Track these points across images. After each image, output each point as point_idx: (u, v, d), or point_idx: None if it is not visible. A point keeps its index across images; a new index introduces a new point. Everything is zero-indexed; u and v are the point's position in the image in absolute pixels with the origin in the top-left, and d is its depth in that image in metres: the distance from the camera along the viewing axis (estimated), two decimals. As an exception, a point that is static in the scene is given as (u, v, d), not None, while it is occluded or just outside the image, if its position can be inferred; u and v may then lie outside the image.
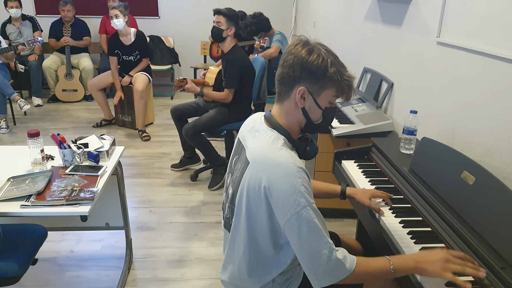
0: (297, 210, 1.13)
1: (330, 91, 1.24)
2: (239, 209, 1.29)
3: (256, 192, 1.20)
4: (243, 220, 1.28)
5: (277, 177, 1.15)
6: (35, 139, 1.74)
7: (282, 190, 1.14)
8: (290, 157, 1.18)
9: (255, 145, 1.27)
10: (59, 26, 5.36)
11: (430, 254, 1.19)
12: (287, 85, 1.24)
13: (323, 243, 1.14)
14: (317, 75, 1.20)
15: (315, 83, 1.22)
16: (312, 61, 1.19)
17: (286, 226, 1.16)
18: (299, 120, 1.29)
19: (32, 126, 4.61)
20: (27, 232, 1.74)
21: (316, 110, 1.26)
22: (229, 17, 3.14)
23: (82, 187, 1.66)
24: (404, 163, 1.78)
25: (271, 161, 1.18)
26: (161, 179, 3.52)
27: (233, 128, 3.35)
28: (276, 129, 1.27)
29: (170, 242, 2.63)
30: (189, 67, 6.25)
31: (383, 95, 2.69)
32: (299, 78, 1.21)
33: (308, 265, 1.16)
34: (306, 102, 1.24)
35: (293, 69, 1.21)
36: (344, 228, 2.80)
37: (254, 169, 1.21)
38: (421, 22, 2.28)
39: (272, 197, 1.16)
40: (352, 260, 1.17)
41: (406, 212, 1.53)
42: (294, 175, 1.14)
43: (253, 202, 1.23)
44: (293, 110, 1.26)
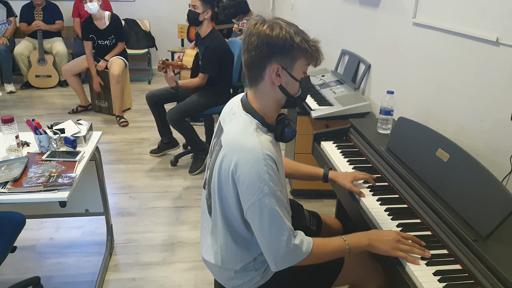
0: (259, 197, 1.15)
1: (301, 60, 1.23)
2: (214, 192, 1.30)
3: (226, 176, 1.21)
4: (217, 203, 1.30)
5: (244, 163, 1.16)
6: (9, 125, 1.69)
7: (247, 176, 1.16)
8: (259, 143, 1.18)
9: (229, 129, 1.28)
10: (30, 10, 5.17)
11: (383, 234, 1.28)
12: (258, 68, 1.22)
13: (282, 230, 1.17)
14: (286, 48, 1.18)
15: (286, 57, 1.20)
16: (277, 36, 1.17)
17: (248, 211, 1.19)
18: (277, 99, 1.27)
19: (4, 114, 4.47)
20: (5, 219, 1.71)
21: (293, 83, 1.25)
22: (205, 0, 3.10)
23: (60, 173, 1.63)
24: (381, 143, 1.82)
25: (240, 146, 1.19)
26: (140, 164, 3.49)
27: (215, 112, 3.34)
28: (250, 114, 1.26)
29: (151, 227, 2.63)
30: (166, 51, 6.14)
31: (361, 77, 2.72)
32: (269, 56, 1.19)
33: (267, 250, 1.20)
34: (282, 78, 1.23)
35: (260, 49, 1.19)
36: (324, 208, 2.86)
37: (225, 153, 1.22)
38: (398, 3, 2.30)
39: (239, 182, 1.18)
40: (309, 243, 1.22)
41: (384, 190, 1.57)
42: (260, 162, 1.15)
43: (224, 185, 1.24)
44: (270, 90, 1.25)
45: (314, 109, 2.53)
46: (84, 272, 2.20)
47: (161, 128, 3.55)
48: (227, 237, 1.32)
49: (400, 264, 1.22)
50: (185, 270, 2.24)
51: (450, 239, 1.24)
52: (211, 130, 3.60)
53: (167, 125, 3.53)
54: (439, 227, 1.30)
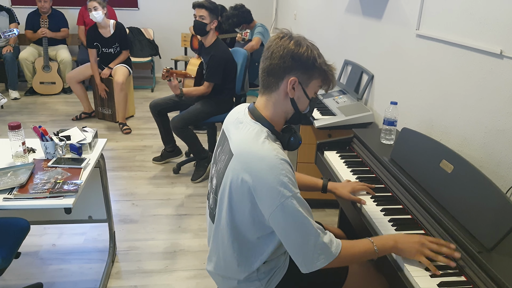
0: (281, 201, 1.15)
1: (317, 81, 1.28)
2: (222, 200, 1.30)
3: (238, 184, 1.21)
4: (225, 211, 1.29)
5: (260, 170, 1.17)
6: (16, 131, 1.71)
7: (266, 182, 1.16)
8: (273, 149, 1.19)
9: (239, 137, 1.28)
10: (36, 17, 5.22)
11: (409, 237, 1.28)
12: (276, 76, 1.25)
13: (308, 230, 1.17)
14: (308, 65, 1.24)
15: (305, 74, 1.25)
16: (302, 53, 1.22)
17: (271, 217, 1.19)
18: (286, 111, 1.30)
19: (9, 120, 4.50)
20: (9, 225, 1.71)
21: (304, 100, 1.29)
22: (212, 10, 3.13)
23: (66, 180, 1.64)
24: (385, 153, 1.83)
25: (254, 154, 1.20)
26: (143, 172, 3.50)
27: (218, 120, 3.36)
28: (259, 121, 1.28)
29: (153, 234, 2.63)
30: (169, 59, 6.19)
31: (364, 87, 2.74)
32: (290, 68, 1.23)
33: (295, 253, 1.19)
34: (296, 93, 1.26)
35: (284, 60, 1.23)
36: (325, 218, 2.86)
37: (237, 162, 1.23)
38: (401, 15, 2.32)
39: (256, 190, 1.18)
40: (338, 244, 1.21)
41: (387, 200, 1.58)
42: (277, 167, 1.16)
43: (235, 193, 1.24)
44: (282, 101, 1.28)
45: (317, 119, 2.55)
46: (86, 279, 2.20)
47: (164, 137, 3.56)
48: (232, 246, 1.32)
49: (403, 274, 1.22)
50: (187, 279, 2.24)
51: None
52: (214, 138, 3.61)
53: (170, 133, 3.55)
54: (444, 239, 1.30)
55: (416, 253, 1.23)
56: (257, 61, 4.31)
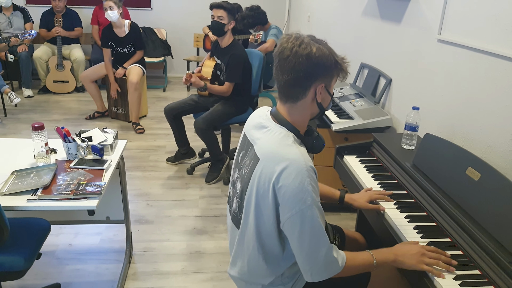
0: (302, 207, 1.16)
1: (335, 77, 1.30)
2: (248, 205, 1.30)
3: (265, 188, 1.22)
4: (251, 216, 1.29)
5: (287, 173, 1.17)
6: (39, 132, 1.72)
7: (290, 187, 1.16)
8: (301, 154, 1.20)
9: (265, 141, 1.28)
10: (50, 16, 5.26)
11: (408, 248, 1.30)
12: (302, 87, 1.25)
13: (322, 242, 1.19)
14: (330, 68, 1.24)
15: (327, 76, 1.26)
16: (325, 56, 1.22)
17: (287, 222, 1.19)
18: (312, 113, 1.32)
19: (22, 118, 4.54)
20: (31, 226, 1.73)
21: (328, 98, 1.31)
22: (230, 10, 3.13)
23: (88, 181, 1.65)
24: (407, 158, 1.81)
25: (281, 157, 1.20)
26: (157, 172, 3.51)
27: (237, 121, 3.37)
28: (284, 126, 1.29)
29: (169, 236, 2.64)
30: (181, 60, 6.21)
31: (381, 91, 2.72)
32: (315, 77, 1.23)
33: (305, 261, 1.21)
34: (322, 95, 1.28)
35: (307, 71, 1.22)
36: (340, 221, 2.84)
37: (264, 165, 1.23)
38: (422, 20, 2.31)
39: (280, 193, 1.18)
40: (343, 257, 1.25)
41: (411, 207, 1.57)
42: (303, 173, 1.16)
43: (261, 198, 1.24)
44: (309, 105, 1.28)
45: (334, 122, 2.53)
46: (103, 280, 2.21)
47: (179, 140, 3.57)
48: (258, 251, 1.32)
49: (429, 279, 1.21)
50: (204, 281, 2.24)
51: (482, 259, 1.23)
52: (228, 140, 3.61)
53: (185, 136, 3.56)
54: (471, 247, 1.29)
55: (417, 263, 1.25)
56: (271, 63, 4.30)
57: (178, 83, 6.25)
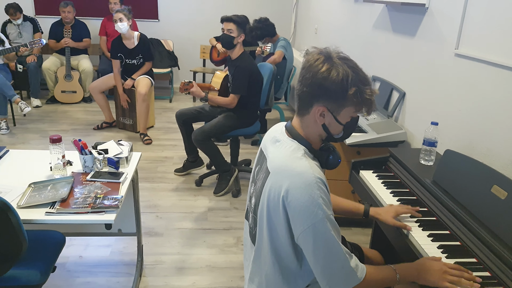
0: (313, 221, 1.14)
1: (350, 108, 1.24)
2: (261, 220, 1.29)
3: (275, 202, 1.20)
4: (265, 231, 1.28)
5: (296, 187, 1.16)
6: (57, 144, 1.71)
7: (299, 200, 1.15)
8: (310, 167, 1.18)
9: (276, 155, 1.28)
10: (59, 27, 5.30)
11: (430, 264, 1.28)
12: (306, 103, 1.25)
13: (337, 254, 1.17)
14: (337, 95, 1.19)
15: (334, 102, 1.22)
16: (332, 81, 1.17)
17: (300, 237, 1.18)
18: (319, 134, 1.30)
19: (31, 127, 4.53)
20: (46, 238, 1.71)
21: (336, 125, 1.27)
22: (239, 24, 3.14)
23: (105, 194, 1.63)
24: (425, 174, 1.79)
25: (290, 171, 1.19)
26: (165, 183, 3.49)
27: (241, 134, 3.35)
28: (296, 140, 1.28)
29: (178, 249, 2.61)
30: (188, 71, 6.23)
31: (395, 105, 2.72)
32: (318, 97, 1.21)
33: (321, 274, 1.19)
34: (326, 119, 1.25)
35: (312, 88, 1.21)
36: (352, 237, 2.81)
37: (274, 179, 1.22)
38: (437, 33, 2.31)
39: (290, 207, 1.17)
40: (363, 269, 1.22)
41: (433, 225, 1.54)
42: (312, 186, 1.15)
43: (273, 212, 1.23)
44: (313, 125, 1.27)
45: (348, 136, 2.52)
46: (114, 294, 2.18)
47: (188, 147, 3.56)
48: (274, 267, 1.30)
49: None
50: (216, 296, 2.21)
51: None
52: (236, 151, 3.60)
53: (193, 144, 3.54)
54: (499, 268, 1.26)
55: (439, 280, 1.23)
56: (280, 75, 4.31)
57: (184, 94, 6.26)
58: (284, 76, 4.39)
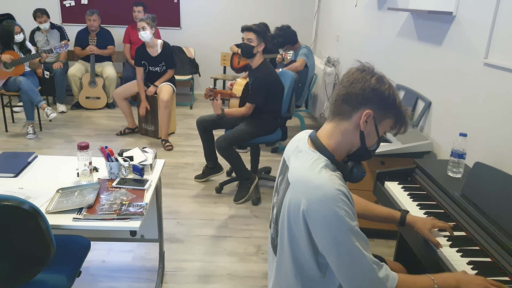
0: (336, 234, 1.13)
1: (390, 121, 1.26)
2: (282, 231, 1.28)
3: (295, 214, 1.19)
4: (286, 242, 1.27)
5: (316, 200, 1.14)
6: (85, 151, 1.74)
7: (320, 213, 1.13)
8: (330, 179, 1.16)
9: (296, 166, 1.27)
10: (85, 35, 5.42)
11: (471, 278, 1.25)
12: (352, 105, 1.23)
13: (363, 266, 1.14)
14: (387, 103, 1.22)
15: (381, 110, 1.23)
16: (384, 90, 1.22)
17: (324, 250, 1.17)
18: (352, 143, 1.27)
19: (56, 132, 4.64)
20: (72, 243, 1.73)
21: (374, 136, 1.26)
22: (259, 33, 3.16)
23: (131, 201, 1.65)
24: (454, 187, 1.75)
25: (310, 183, 1.17)
26: (186, 190, 3.51)
27: (262, 142, 3.35)
28: (319, 151, 1.26)
29: (199, 256, 2.61)
30: (209, 78, 6.27)
31: (420, 114, 2.67)
32: (368, 101, 1.22)
33: (348, 286, 1.17)
34: (367, 127, 1.24)
35: (364, 91, 1.21)
36: (374, 248, 2.76)
37: (293, 191, 1.21)
38: (465, 42, 2.26)
39: (311, 220, 1.16)
40: (394, 278, 1.18)
41: (462, 240, 1.50)
42: (333, 198, 1.13)
43: (294, 224, 1.22)
44: (351, 131, 1.25)
45: (371, 146, 2.49)
46: (136, 300, 2.19)
47: (207, 153, 3.58)
48: (296, 278, 1.28)
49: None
50: (237, 305, 2.20)
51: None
52: (257, 159, 3.59)
53: (213, 150, 3.56)
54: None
55: None
56: (301, 83, 4.30)
57: (204, 101, 6.31)
58: (305, 84, 4.38)
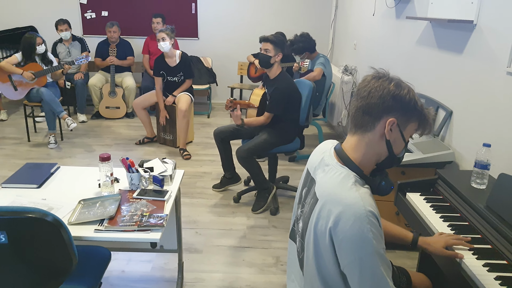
0: (361, 255, 1.11)
1: (414, 124, 1.24)
2: (308, 246, 1.26)
3: (323, 231, 1.17)
4: (311, 258, 1.25)
5: (345, 219, 1.12)
6: (106, 162, 1.76)
7: (348, 232, 1.11)
8: (361, 198, 1.14)
9: (325, 181, 1.25)
10: (105, 46, 5.53)
11: None
12: (374, 116, 1.22)
13: None
14: (408, 107, 1.21)
15: (404, 115, 1.22)
16: (404, 94, 1.20)
17: (346, 268, 1.15)
18: (379, 153, 1.26)
19: (77, 142, 4.72)
20: (93, 254, 1.75)
21: (400, 142, 1.25)
22: (276, 43, 3.18)
23: (151, 212, 1.66)
24: (478, 199, 1.71)
25: (339, 201, 1.15)
26: (204, 199, 3.52)
27: (281, 151, 3.35)
28: (347, 165, 1.24)
29: (218, 267, 2.60)
30: (226, 87, 6.32)
31: (441, 123, 2.63)
32: (390, 109, 1.20)
33: None
34: (393, 134, 1.22)
35: (384, 99, 1.20)
36: (396, 260, 2.71)
37: (322, 207, 1.19)
38: (487, 51, 2.22)
39: (337, 238, 1.13)
40: None
41: (488, 253, 1.46)
42: (362, 219, 1.10)
43: (320, 240, 1.20)
44: (376, 142, 1.24)
45: (391, 156, 2.45)
46: (156, 310, 2.20)
47: (225, 163, 3.58)
48: None
49: None
50: (256, 317, 2.18)
51: None
52: (275, 168, 3.58)
53: (231, 160, 3.57)
54: None
55: None
56: (318, 92, 4.29)
57: (221, 109, 6.35)
58: (323, 93, 4.36)
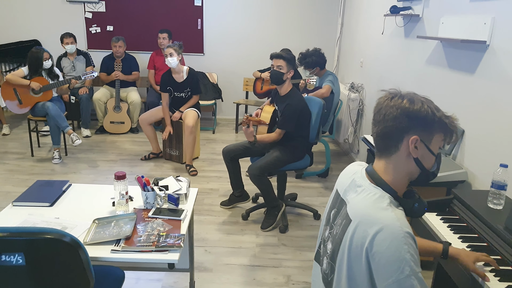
0: (399, 278, 1.09)
1: (439, 135, 1.23)
2: (340, 268, 1.24)
3: (357, 252, 1.16)
4: (344, 280, 1.23)
5: (381, 239, 1.11)
6: (121, 181, 1.75)
7: (385, 254, 1.10)
8: (397, 219, 1.13)
9: (358, 202, 1.23)
10: (111, 61, 5.56)
11: None
12: (394, 139, 1.21)
13: None
14: (427, 122, 1.20)
15: (425, 130, 1.20)
16: (419, 109, 1.19)
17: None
18: (410, 172, 1.25)
19: (82, 157, 4.71)
20: (108, 275, 1.72)
21: (430, 157, 1.24)
22: (289, 60, 3.19)
23: (168, 232, 1.64)
24: (495, 219, 1.70)
25: (375, 221, 1.14)
26: (212, 216, 3.49)
27: (293, 168, 3.34)
28: (380, 186, 1.23)
29: (228, 286, 2.57)
30: (231, 103, 6.33)
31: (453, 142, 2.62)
32: (407, 128, 1.20)
33: None
34: (419, 151, 1.21)
35: (399, 120, 1.19)
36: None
37: (356, 228, 1.17)
38: (500, 71, 2.23)
39: (374, 260, 1.12)
40: None
41: (509, 275, 1.44)
42: (400, 240, 1.09)
43: (354, 262, 1.18)
44: (404, 162, 1.23)
45: (404, 174, 2.44)
46: (167, 331, 2.16)
47: (234, 182, 3.57)
48: None
49: None
50: (269, 338, 2.14)
51: None
52: (283, 185, 3.57)
53: (240, 179, 3.56)
54: None
55: None
56: (326, 109, 4.29)
57: (226, 125, 6.36)
58: (330, 110, 4.37)
